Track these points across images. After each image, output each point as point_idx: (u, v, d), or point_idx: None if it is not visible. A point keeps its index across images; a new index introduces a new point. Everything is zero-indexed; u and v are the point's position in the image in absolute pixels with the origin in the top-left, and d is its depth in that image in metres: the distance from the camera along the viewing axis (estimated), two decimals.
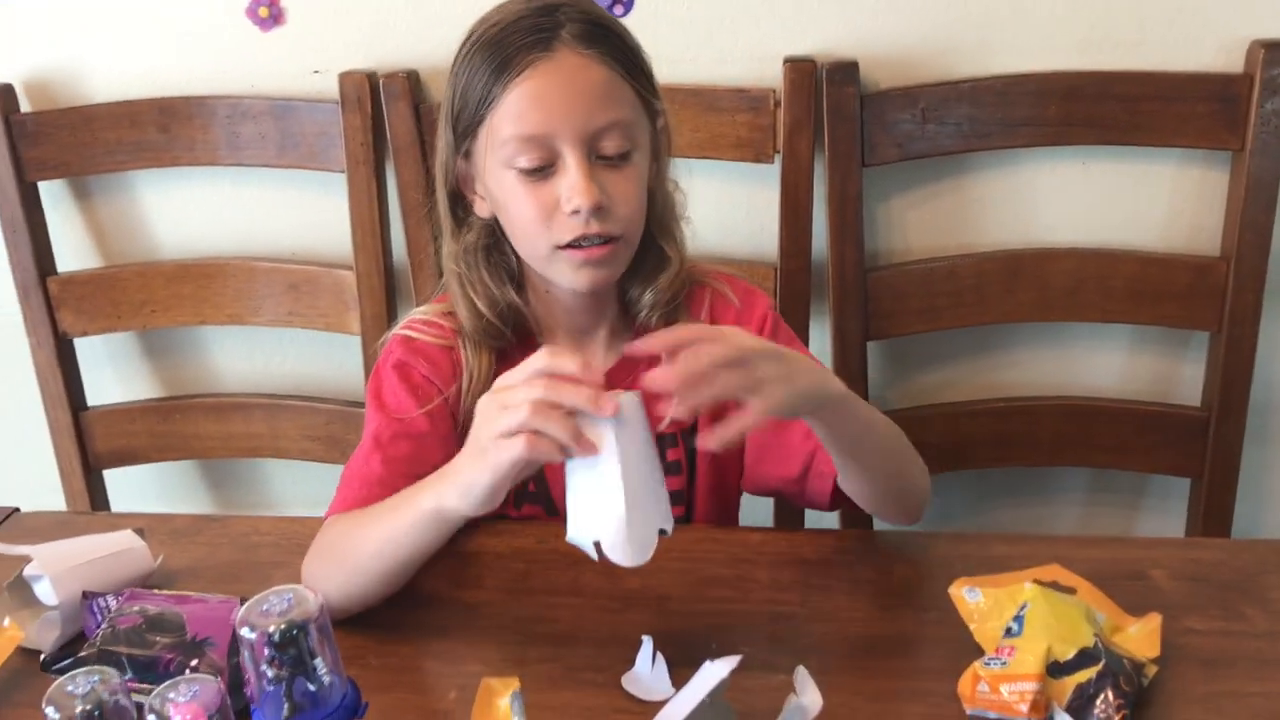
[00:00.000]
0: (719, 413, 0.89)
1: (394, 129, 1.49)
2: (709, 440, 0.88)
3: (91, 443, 1.67)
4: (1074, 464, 1.58)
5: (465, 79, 1.03)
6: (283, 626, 0.74)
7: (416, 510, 0.94)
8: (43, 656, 0.90)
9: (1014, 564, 0.99)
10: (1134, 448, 1.53)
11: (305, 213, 1.59)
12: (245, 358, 1.69)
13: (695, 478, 1.16)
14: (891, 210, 1.51)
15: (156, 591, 0.99)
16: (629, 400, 0.87)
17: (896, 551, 1.04)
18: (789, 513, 1.47)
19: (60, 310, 1.61)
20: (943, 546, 1.05)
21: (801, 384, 0.91)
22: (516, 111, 1.00)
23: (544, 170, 1.02)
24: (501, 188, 1.05)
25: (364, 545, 0.98)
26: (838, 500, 1.07)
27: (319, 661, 0.76)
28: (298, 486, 1.73)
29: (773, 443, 1.11)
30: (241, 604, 0.94)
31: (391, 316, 1.55)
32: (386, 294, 1.55)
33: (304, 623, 0.75)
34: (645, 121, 1.06)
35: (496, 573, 1.05)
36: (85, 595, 0.97)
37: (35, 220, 1.59)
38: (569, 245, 1.03)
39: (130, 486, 1.74)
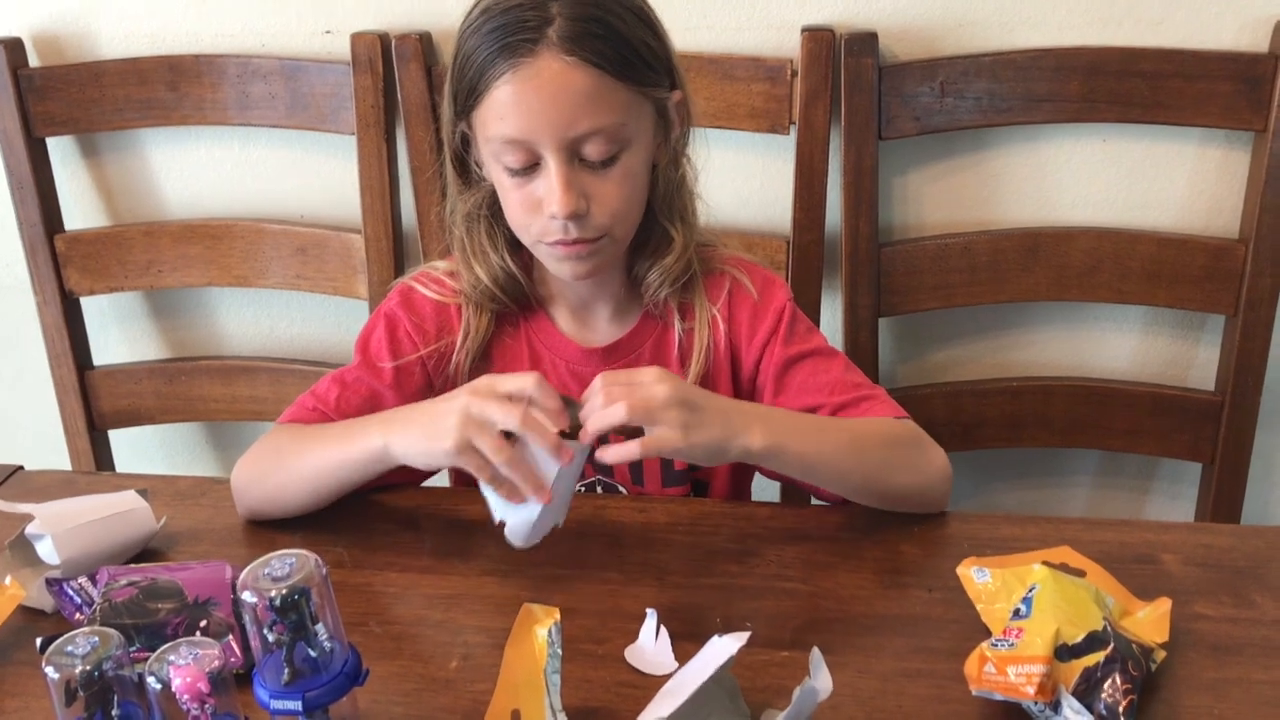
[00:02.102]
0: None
1: (405, 91, 1.47)
2: (606, 454, 0.93)
3: (96, 402, 1.66)
4: (1084, 446, 1.56)
5: (463, 56, 1.02)
6: (284, 591, 0.74)
7: (364, 443, 1.00)
8: (39, 640, 0.89)
9: (1023, 545, 0.98)
10: (1146, 431, 1.52)
11: (314, 175, 1.58)
12: (251, 320, 1.68)
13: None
14: (907, 185, 1.49)
15: (133, 566, 0.98)
16: (580, 449, 0.93)
17: (904, 530, 1.03)
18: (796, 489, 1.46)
19: (67, 268, 1.60)
20: (951, 526, 1.04)
21: (698, 438, 0.93)
22: (499, 113, 1.00)
23: (528, 170, 1.02)
24: (493, 175, 1.06)
25: (305, 460, 1.04)
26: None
27: (320, 627, 0.76)
28: None
29: None
30: (231, 566, 0.94)
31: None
32: (394, 258, 1.54)
33: (306, 588, 0.74)
34: (644, 112, 1.03)
35: (499, 543, 1.03)
36: (50, 582, 0.96)
37: (43, 177, 1.58)
38: (550, 241, 1.04)
39: (134, 447, 1.73)
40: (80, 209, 1.63)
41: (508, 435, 0.92)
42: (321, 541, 1.04)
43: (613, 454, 0.92)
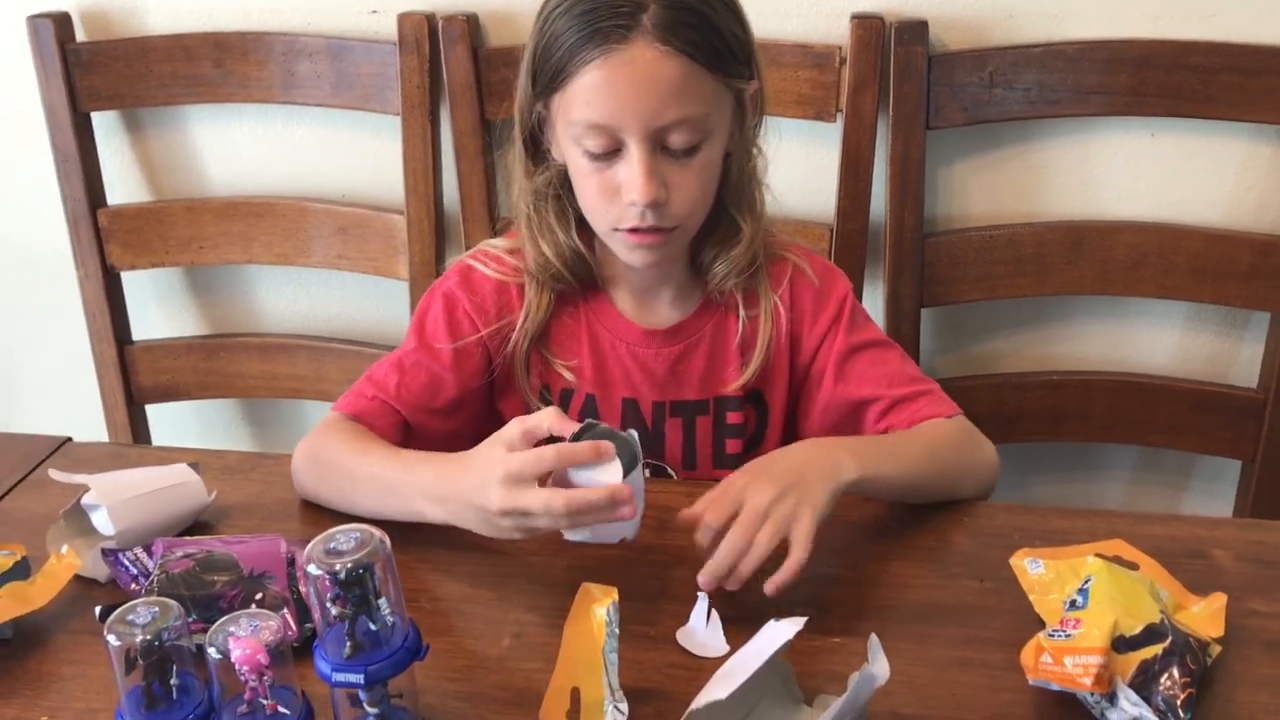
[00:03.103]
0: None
1: (451, 73, 1.47)
2: (771, 590, 0.90)
3: (135, 377, 1.67)
4: (1124, 441, 1.56)
5: (548, 37, 1.00)
6: (349, 565, 0.74)
7: (409, 506, 0.98)
8: (98, 609, 0.90)
9: (1073, 538, 0.98)
10: (1187, 427, 1.51)
11: (358, 154, 1.58)
12: (291, 299, 1.68)
13: (762, 445, 1.15)
14: (953, 175, 1.48)
15: (188, 538, 0.98)
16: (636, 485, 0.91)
17: (954, 520, 1.03)
18: None
19: (109, 243, 1.61)
20: (1000, 517, 1.04)
21: (819, 494, 0.93)
22: (586, 98, 0.99)
23: (608, 155, 1.01)
24: (569, 158, 1.06)
25: (355, 489, 1.02)
26: None
27: (383, 602, 0.76)
28: None
29: (845, 422, 1.11)
30: (285, 541, 0.95)
31: (440, 263, 1.54)
32: (436, 240, 1.54)
33: (370, 563, 0.75)
34: (725, 102, 1.03)
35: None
36: (105, 553, 0.96)
37: (87, 151, 1.58)
38: (626, 228, 1.03)
39: (172, 422, 1.74)
40: (123, 184, 1.64)
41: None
42: (367, 518, 1.04)
43: (783, 574, 0.90)
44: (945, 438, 1.07)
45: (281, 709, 0.81)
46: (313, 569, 0.74)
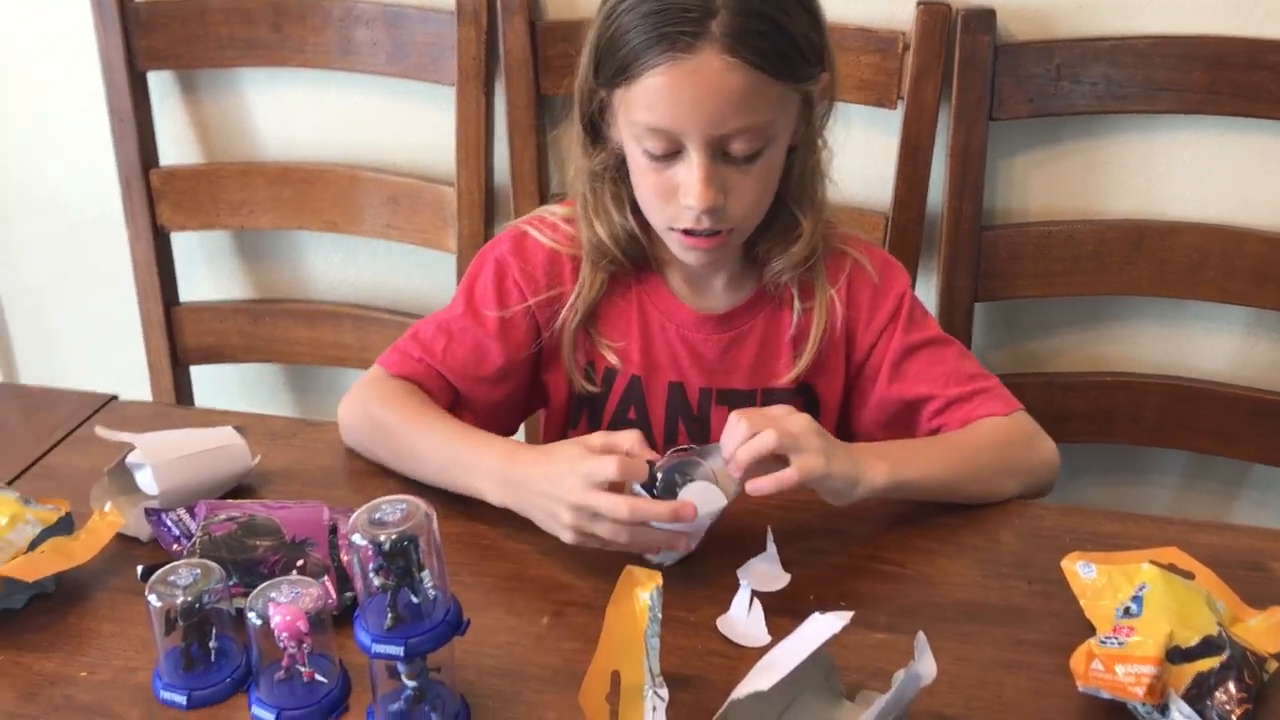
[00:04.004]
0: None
1: (508, 45, 1.46)
2: (761, 485, 0.92)
3: (181, 338, 1.67)
4: (1175, 446, 1.53)
5: (614, 30, 0.98)
6: (394, 536, 0.73)
7: (470, 483, 0.98)
8: (139, 568, 0.90)
9: (1124, 543, 0.96)
10: (1241, 435, 1.48)
11: (411, 125, 1.57)
12: (339, 266, 1.68)
13: None
14: (1013, 168, 1.46)
15: (231, 502, 0.98)
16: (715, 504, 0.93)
17: (1004, 520, 1.01)
18: None
19: (160, 204, 1.61)
20: (1050, 518, 1.02)
21: (838, 467, 0.93)
22: (648, 100, 0.97)
23: (668, 157, 1.00)
24: (628, 152, 1.04)
25: (414, 461, 1.03)
26: None
27: (426, 574, 0.75)
28: None
29: (899, 420, 1.10)
30: (329, 508, 0.94)
31: (489, 237, 1.53)
32: (485, 214, 1.53)
33: (414, 534, 0.74)
34: (791, 104, 1.01)
35: None
36: (148, 512, 0.96)
37: (142, 111, 1.59)
38: (681, 229, 1.02)
39: (216, 385, 1.75)
40: (176, 146, 1.64)
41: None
42: (411, 490, 1.03)
43: (766, 483, 0.91)
44: (991, 439, 1.04)
45: (319, 677, 0.81)
46: (357, 538, 0.74)
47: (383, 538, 0.73)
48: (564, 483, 0.90)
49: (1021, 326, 1.53)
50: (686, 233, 1.02)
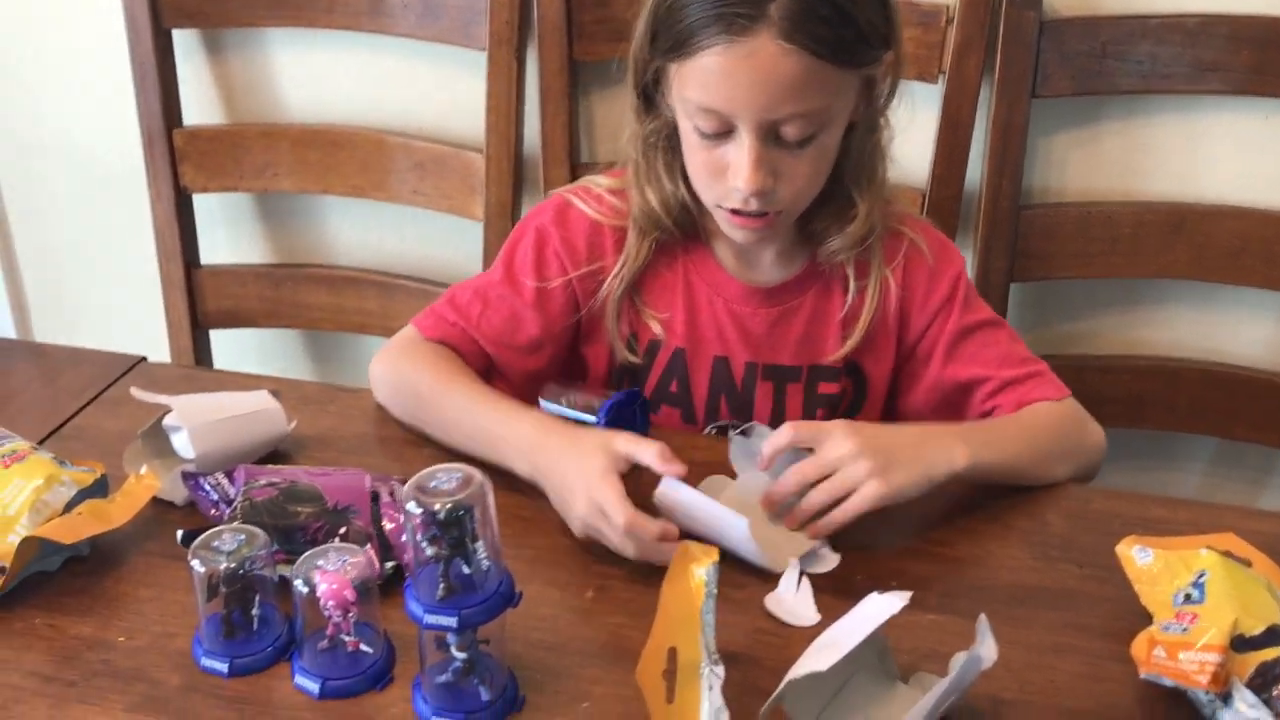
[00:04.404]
0: None
1: (542, 10, 1.43)
2: (810, 531, 0.93)
3: (202, 301, 1.65)
4: (1205, 432, 1.52)
5: (673, 1, 0.96)
6: (449, 505, 0.72)
7: (499, 455, 0.98)
8: (180, 533, 0.88)
9: (1174, 528, 0.94)
10: (1275, 422, 1.46)
11: (440, 89, 1.54)
12: (363, 232, 1.66)
13: (858, 418, 1.13)
14: (1053, 146, 1.43)
15: (270, 467, 0.96)
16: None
17: (1052, 503, 1.00)
18: None
19: (183, 164, 1.58)
20: (1097, 502, 1.01)
21: (899, 479, 0.92)
22: (702, 80, 0.95)
23: (720, 136, 0.98)
24: (681, 127, 1.02)
25: (445, 423, 1.03)
26: None
27: (480, 545, 0.73)
28: None
29: (951, 402, 1.09)
30: (370, 476, 0.92)
31: (517, 205, 1.51)
32: (514, 182, 1.51)
33: (470, 505, 0.72)
34: (849, 87, 0.99)
35: (632, 479, 1.01)
36: (186, 476, 0.94)
37: (167, 69, 1.56)
38: (729, 208, 1.01)
39: (234, 349, 1.72)
40: (200, 105, 1.61)
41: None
42: (455, 457, 1.02)
43: (823, 526, 0.92)
44: (1048, 423, 1.04)
45: (364, 647, 0.80)
46: (412, 506, 0.72)
47: (437, 506, 0.72)
48: (591, 472, 0.91)
49: (1056, 307, 1.51)
50: (734, 212, 1.01)
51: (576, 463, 0.92)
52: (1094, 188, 1.44)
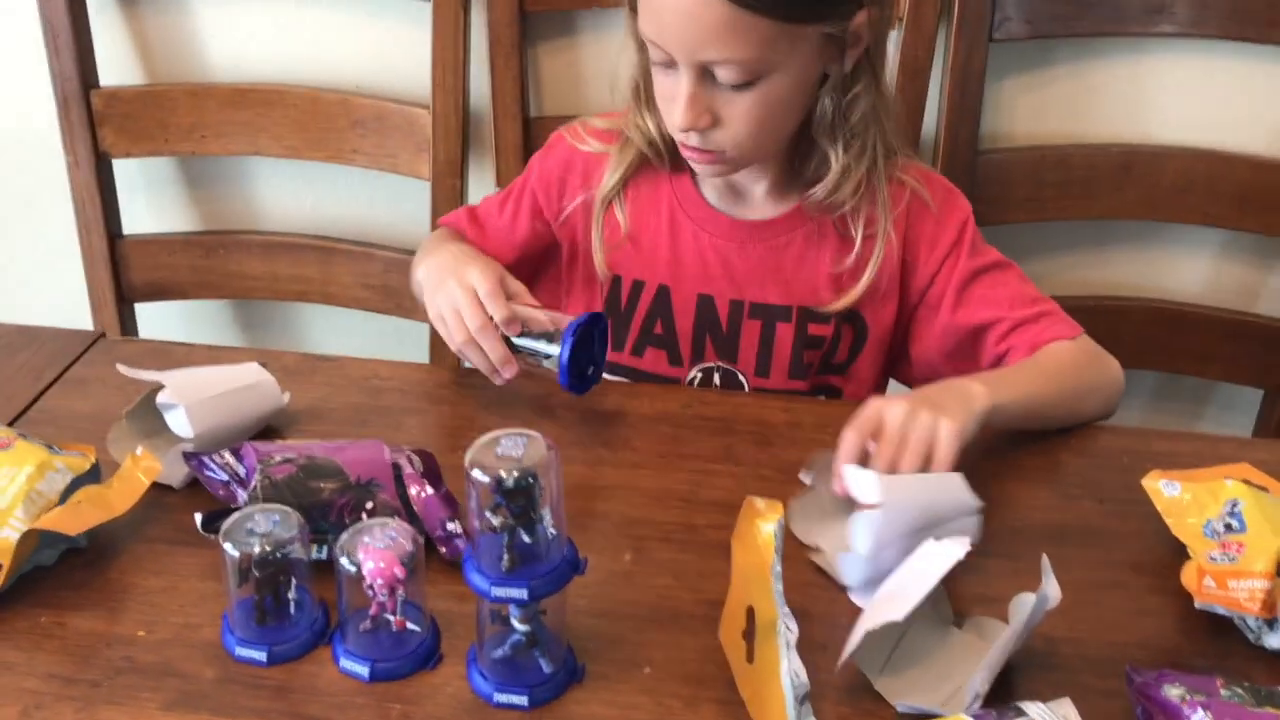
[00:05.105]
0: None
1: None
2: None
3: (126, 273, 1.56)
4: (1148, 367, 1.56)
5: None
6: (516, 474, 0.68)
7: (413, 272, 1.10)
8: (199, 517, 0.82)
9: (1182, 460, 0.95)
10: (1211, 355, 1.51)
11: (380, 41, 1.48)
12: (299, 195, 1.58)
13: (855, 364, 1.12)
14: (1002, 91, 1.45)
15: (282, 443, 0.90)
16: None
17: (1060, 441, 1.01)
18: None
19: (102, 128, 1.49)
20: (1104, 439, 1.02)
21: (958, 412, 0.90)
22: (645, 11, 0.96)
23: (668, 65, 0.97)
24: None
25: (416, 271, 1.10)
26: None
27: (546, 513, 0.70)
28: (345, 337, 1.65)
29: (963, 348, 1.09)
30: (389, 447, 0.88)
31: (465, 163, 1.46)
32: (462, 139, 1.46)
33: (537, 472, 0.69)
34: (798, 43, 0.95)
35: (644, 435, 1.00)
36: (188, 456, 0.88)
37: (80, 26, 1.46)
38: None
39: (162, 322, 1.64)
40: (118, 64, 1.51)
41: None
42: (455, 423, 0.98)
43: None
44: (1069, 361, 1.04)
45: (411, 625, 0.76)
46: (477, 474, 0.68)
47: (504, 474, 0.68)
48: (451, 278, 0.99)
49: (1008, 252, 1.52)
50: (685, 142, 1.01)
51: (469, 262, 1.01)
52: (1043, 131, 1.45)
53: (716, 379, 1.11)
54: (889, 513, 0.80)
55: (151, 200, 1.60)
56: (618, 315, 1.11)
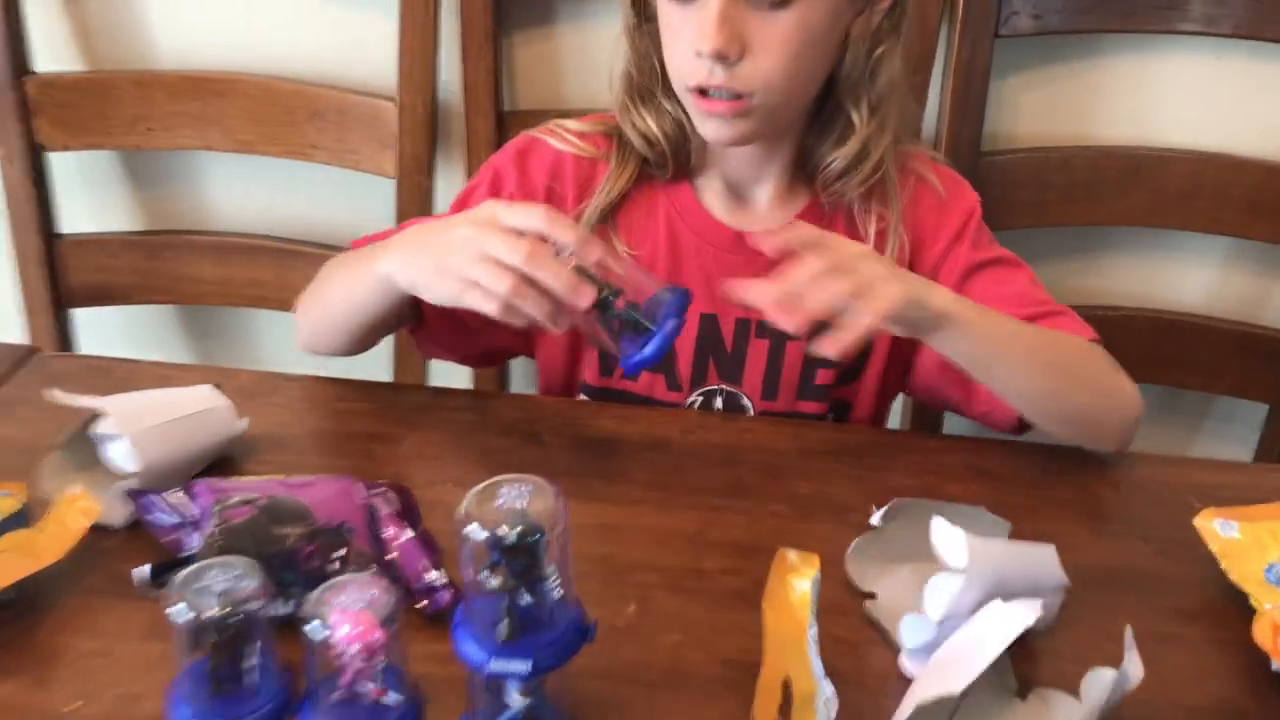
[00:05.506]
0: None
1: None
2: (825, 347, 0.81)
3: (64, 276, 1.44)
4: (1150, 381, 1.49)
5: None
6: (519, 529, 0.59)
7: (370, 269, 0.89)
8: (145, 569, 0.72)
9: (1229, 493, 0.88)
10: (1213, 368, 1.45)
11: (342, 28, 1.37)
12: (252, 193, 1.47)
13: (862, 377, 1.03)
14: (1005, 89, 1.37)
15: (240, 480, 0.80)
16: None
17: (1095, 471, 0.93)
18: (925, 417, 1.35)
19: (37, 118, 1.37)
20: (1143, 469, 0.95)
21: (911, 285, 0.84)
22: None
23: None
24: (658, 4, 0.92)
25: (333, 289, 0.96)
26: (1025, 424, 0.96)
27: (552, 571, 0.61)
28: None
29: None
30: (364, 484, 0.78)
31: (433, 160, 1.37)
32: (431, 133, 1.36)
33: (544, 527, 0.59)
34: None
35: (642, 465, 0.90)
36: (134, 494, 0.77)
37: (11, 4, 1.34)
38: (697, 90, 0.90)
39: (101, 330, 1.52)
40: (52, 50, 1.39)
41: None
42: (435, 457, 0.88)
43: (850, 331, 0.80)
44: (1071, 342, 0.95)
45: (390, 695, 0.66)
46: (473, 530, 0.59)
47: (504, 530, 0.59)
48: (461, 227, 0.83)
49: None
50: (702, 94, 0.90)
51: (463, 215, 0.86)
52: (1047, 132, 1.38)
53: (718, 403, 1.02)
54: (971, 578, 0.70)
55: (91, 197, 1.48)
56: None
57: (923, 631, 0.71)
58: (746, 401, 1.03)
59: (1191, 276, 1.47)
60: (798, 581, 0.63)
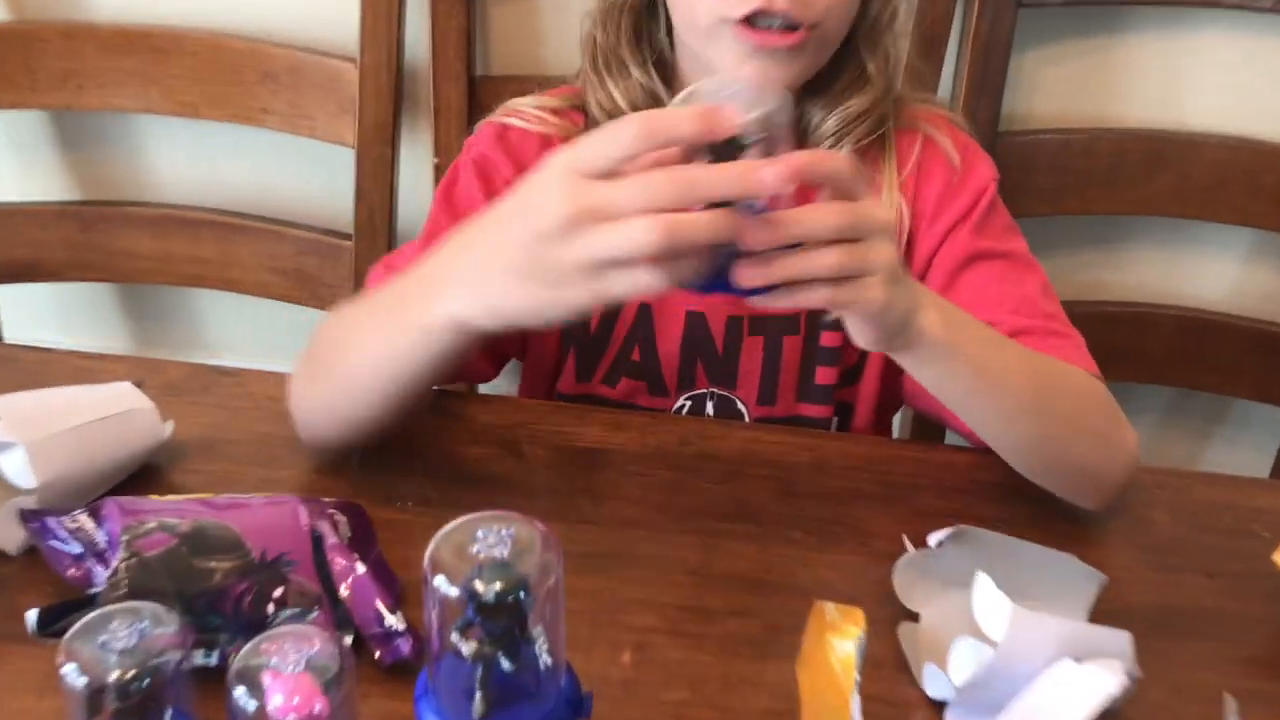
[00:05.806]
0: None
1: None
2: (743, 278, 0.60)
3: None
4: (1169, 383, 1.40)
5: None
6: (499, 586, 0.47)
7: (423, 313, 0.67)
8: (32, 615, 0.59)
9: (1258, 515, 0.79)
10: (1242, 369, 1.36)
11: None
12: (195, 160, 1.36)
13: (862, 377, 0.92)
14: (1025, 65, 1.27)
15: (155, 498, 0.68)
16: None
17: (1146, 494, 0.82)
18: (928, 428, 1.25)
19: None
20: (1199, 491, 0.84)
21: (902, 296, 0.65)
22: None
23: None
24: None
25: (351, 355, 0.74)
26: None
27: (538, 633, 0.49)
28: (247, 329, 1.43)
29: None
30: (304, 504, 0.66)
31: (398, 128, 1.25)
32: (395, 99, 1.24)
33: (528, 580, 0.48)
34: None
35: (635, 481, 0.79)
36: (28, 516, 0.65)
37: None
38: (744, 20, 0.77)
39: (27, 311, 1.41)
40: None
41: None
42: (396, 469, 0.77)
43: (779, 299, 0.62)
44: (1069, 377, 0.81)
45: None
46: (441, 583, 0.47)
47: (482, 587, 0.47)
48: (548, 199, 0.59)
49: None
50: (750, 25, 0.77)
51: (523, 193, 0.62)
52: (1067, 111, 1.28)
53: (710, 408, 0.91)
54: (1007, 654, 0.58)
55: (17, 162, 1.37)
56: (584, 344, 0.91)
57: (940, 687, 0.59)
58: (741, 406, 0.91)
59: (1213, 271, 1.38)
60: (839, 642, 0.52)
